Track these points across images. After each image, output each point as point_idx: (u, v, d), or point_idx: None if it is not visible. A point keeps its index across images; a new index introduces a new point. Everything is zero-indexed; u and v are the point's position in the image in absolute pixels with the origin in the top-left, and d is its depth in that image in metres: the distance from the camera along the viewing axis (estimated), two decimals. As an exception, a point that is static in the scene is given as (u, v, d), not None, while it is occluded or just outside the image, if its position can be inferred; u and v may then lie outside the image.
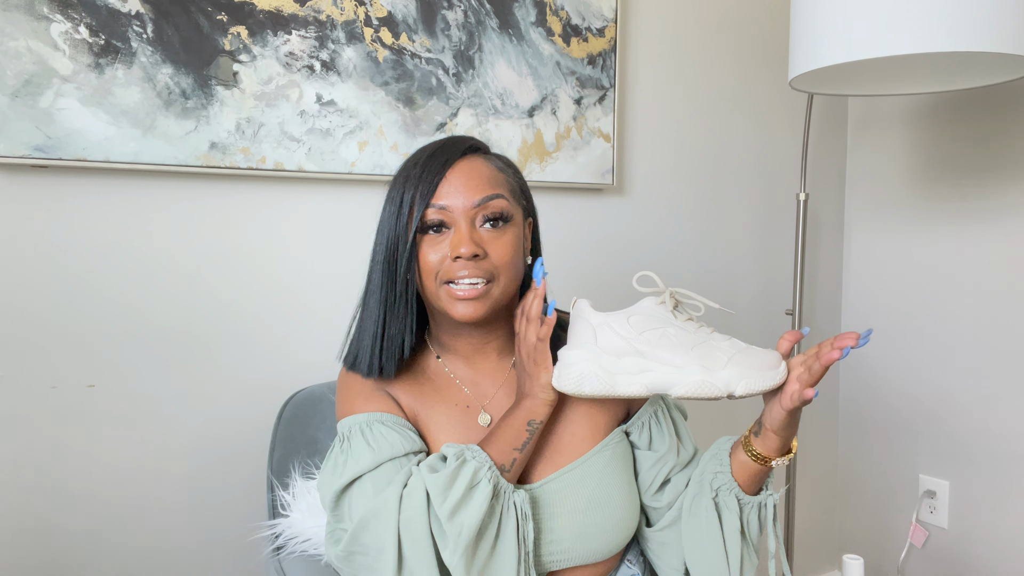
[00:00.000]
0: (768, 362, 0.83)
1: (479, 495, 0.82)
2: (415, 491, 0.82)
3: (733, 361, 0.82)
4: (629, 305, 0.88)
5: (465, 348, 0.96)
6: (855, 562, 1.57)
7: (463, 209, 0.86)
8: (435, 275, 0.87)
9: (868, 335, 0.80)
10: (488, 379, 0.97)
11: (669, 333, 0.85)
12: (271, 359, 1.32)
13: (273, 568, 1.09)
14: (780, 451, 0.87)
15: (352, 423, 0.91)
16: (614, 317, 0.86)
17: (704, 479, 0.91)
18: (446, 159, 0.88)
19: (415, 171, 0.88)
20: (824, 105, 2.03)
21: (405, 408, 0.94)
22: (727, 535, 0.89)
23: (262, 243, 1.30)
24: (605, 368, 0.84)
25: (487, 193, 0.87)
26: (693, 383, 0.82)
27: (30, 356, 1.14)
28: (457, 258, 0.85)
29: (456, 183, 0.87)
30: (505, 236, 0.88)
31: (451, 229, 0.87)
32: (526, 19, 1.49)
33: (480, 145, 0.93)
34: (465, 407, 0.95)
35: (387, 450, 0.87)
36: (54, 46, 1.09)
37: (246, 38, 1.23)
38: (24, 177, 1.12)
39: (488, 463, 0.84)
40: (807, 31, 1.36)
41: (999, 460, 1.80)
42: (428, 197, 0.86)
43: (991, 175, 1.78)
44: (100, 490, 1.20)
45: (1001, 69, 1.37)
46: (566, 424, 0.94)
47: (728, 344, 0.85)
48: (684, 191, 1.81)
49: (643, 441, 0.97)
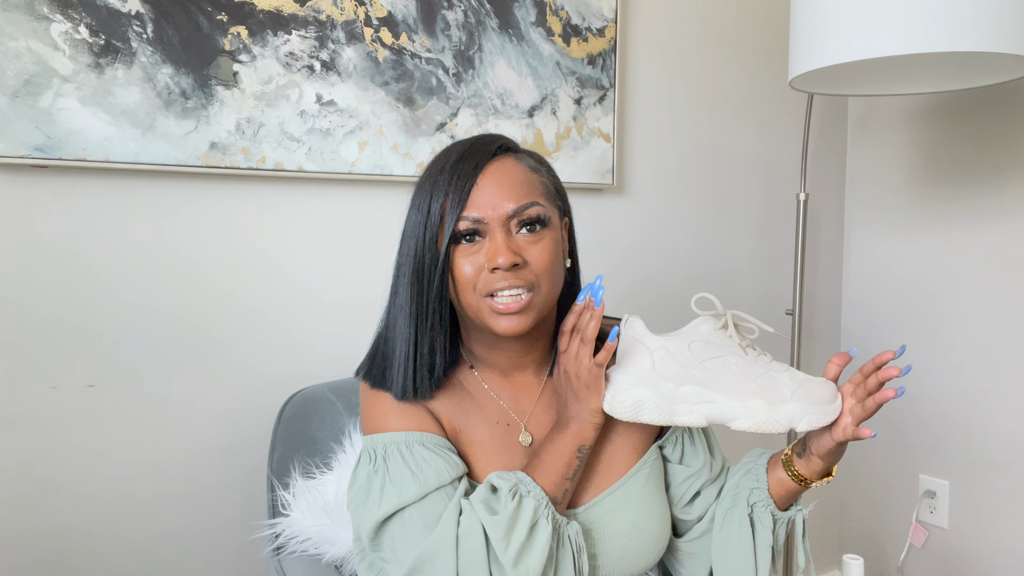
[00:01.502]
0: (826, 395, 0.81)
1: (541, 537, 0.77)
2: (472, 533, 0.77)
3: (796, 395, 0.80)
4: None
5: (503, 362, 0.91)
6: (855, 562, 1.57)
7: (498, 218, 0.81)
8: (473, 287, 0.81)
9: (906, 370, 0.80)
10: (525, 394, 0.92)
11: (731, 362, 0.81)
12: (271, 359, 1.32)
13: (273, 568, 1.09)
14: (822, 474, 0.86)
15: (388, 442, 0.84)
16: (673, 342, 0.82)
17: (740, 493, 0.89)
18: (476, 163, 0.82)
19: (443, 177, 0.82)
20: (824, 105, 2.03)
21: (445, 424, 0.87)
22: (759, 550, 0.88)
23: (262, 243, 1.30)
24: (664, 396, 0.80)
25: (521, 202, 0.82)
26: (758, 419, 0.79)
27: (30, 356, 1.14)
28: (495, 269, 0.80)
29: (488, 190, 0.81)
30: (543, 241, 0.83)
31: (486, 237, 0.81)
32: (526, 19, 1.49)
33: (511, 144, 0.87)
34: (506, 425, 0.90)
35: (433, 479, 0.81)
36: (54, 46, 1.09)
37: (246, 38, 1.23)
38: (24, 177, 1.12)
39: (544, 499, 0.80)
40: (807, 31, 1.36)
41: (999, 460, 1.80)
42: (460, 207, 0.80)
43: (991, 175, 1.78)
44: (100, 490, 1.20)
45: (1001, 69, 1.37)
46: (605, 444, 0.90)
47: (788, 376, 0.82)
48: (684, 191, 1.81)
49: (675, 455, 0.94)
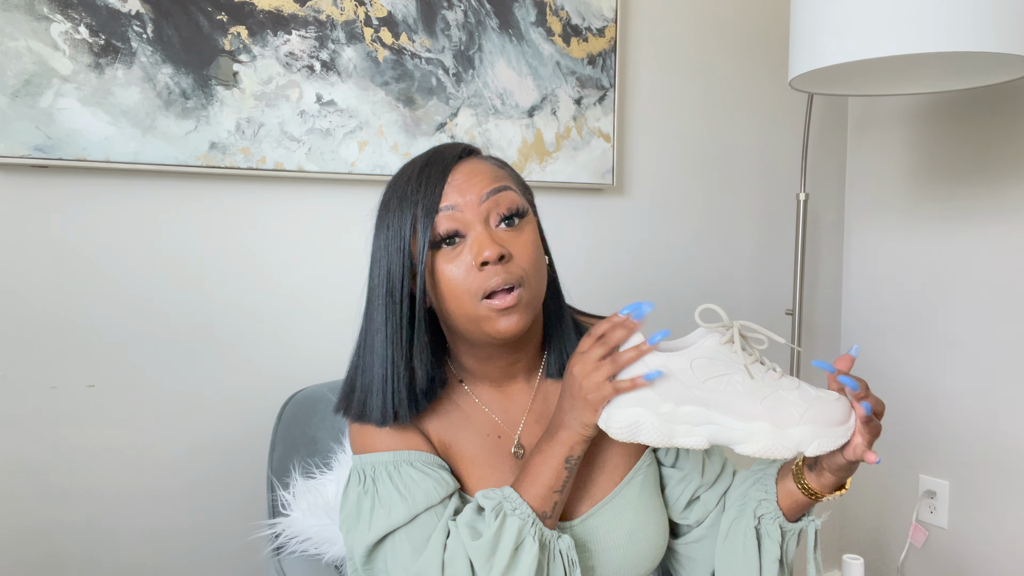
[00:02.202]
0: (839, 415, 0.76)
1: (526, 556, 0.75)
2: (457, 558, 0.75)
3: (806, 417, 0.74)
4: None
5: (493, 372, 0.88)
6: (855, 562, 1.57)
7: (474, 205, 0.78)
8: (468, 292, 0.77)
9: (854, 350, 0.77)
10: (516, 404, 0.90)
11: (736, 381, 0.75)
12: (271, 359, 1.32)
13: (273, 568, 1.10)
14: (834, 488, 0.82)
15: (376, 462, 0.82)
16: (674, 360, 0.76)
17: (747, 504, 0.87)
18: (444, 166, 0.80)
19: (410, 187, 0.79)
20: (824, 105, 2.03)
21: (434, 440, 0.85)
22: (765, 563, 0.84)
23: (262, 243, 1.30)
24: (663, 416, 0.75)
25: (495, 185, 0.79)
26: (764, 444, 0.74)
27: (30, 356, 1.14)
28: (484, 264, 0.76)
29: (459, 184, 0.79)
30: (524, 234, 0.80)
31: (466, 237, 0.78)
32: (526, 19, 1.49)
33: (474, 148, 0.85)
34: (497, 437, 0.88)
35: (422, 500, 0.79)
36: (54, 46, 1.09)
37: (246, 38, 1.23)
38: (24, 177, 1.12)
39: (531, 517, 0.77)
40: (807, 31, 1.36)
41: (999, 460, 1.80)
42: (434, 205, 0.77)
43: (991, 175, 1.78)
44: (100, 490, 1.20)
45: (1001, 69, 1.37)
46: (597, 452, 0.88)
47: (798, 395, 0.76)
48: (684, 191, 1.81)
49: (669, 459, 0.93)
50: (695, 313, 0.79)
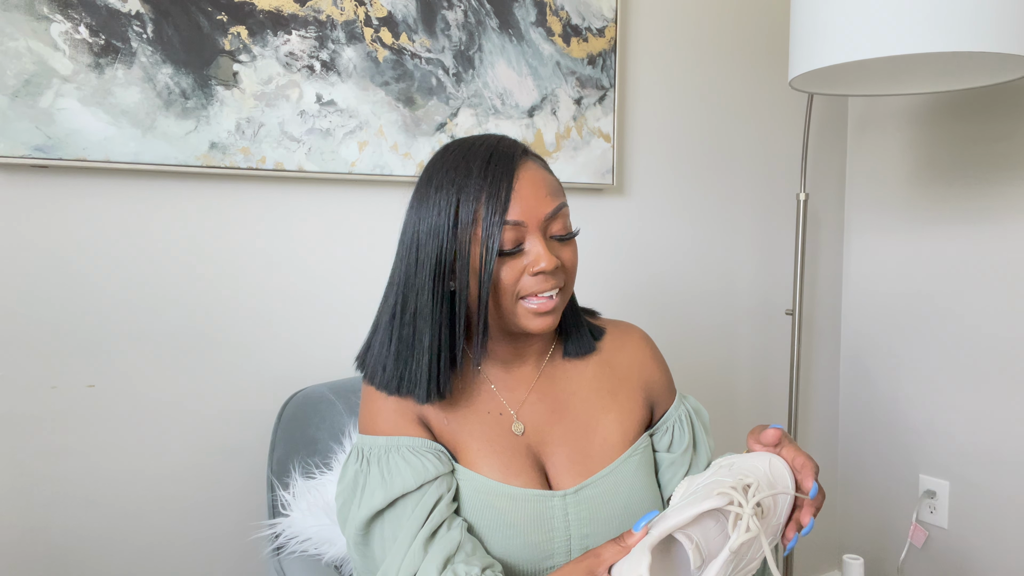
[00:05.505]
0: (786, 486, 0.77)
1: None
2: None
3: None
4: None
5: (505, 352, 0.92)
6: (855, 562, 1.57)
7: (538, 221, 0.82)
8: (512, 292, 0.83)
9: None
10: (522, 383, 0.94)
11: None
12: (271, 359, 1.32)
13: (273, 568, 1.10)
14: None
15: (372, 445, 0.87)
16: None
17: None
18: (508, 167, 0.82)
19: (471, 180, 0.81)
20: (824, 105, 2.03)
21: (434, 424, 0.89)
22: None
23: (262, 243, 1.30)
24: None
25: (557, 203, 0.84)
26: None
27: (30, 356, 1.14)
28: (537, 273, 0.82)
29: (525, 195, 0.82)
30: (571, 244, 0.87)
31: (524, 246, 0.83)
32: (526, 19, 1.49)
33: (528, 148, 0.88)
34: (498, 414, 0.91)
35: (398, 486, 0.83)
36: (54, 46, 1.09)
37: (246, 38, 1.23)
38: (24, 177, 1.12)
39: None
40: (807, 31, 1.36)
41: (999, 460, 1.80)
42: (502, 215, 0.80)
43: (991, 175, 1.78)
44: (100, 490, 1.20)
45: (1001, 69, 1.37)
46: (598, 429, 0.93)
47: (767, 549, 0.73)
48: (684, 191, 1.81)
49: (663, 444, 0.98)
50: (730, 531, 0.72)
